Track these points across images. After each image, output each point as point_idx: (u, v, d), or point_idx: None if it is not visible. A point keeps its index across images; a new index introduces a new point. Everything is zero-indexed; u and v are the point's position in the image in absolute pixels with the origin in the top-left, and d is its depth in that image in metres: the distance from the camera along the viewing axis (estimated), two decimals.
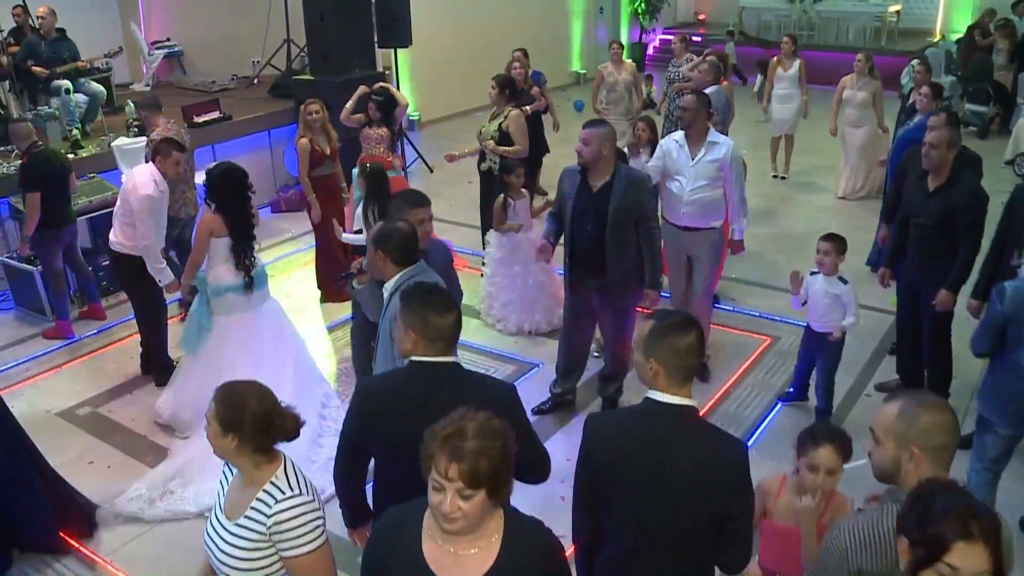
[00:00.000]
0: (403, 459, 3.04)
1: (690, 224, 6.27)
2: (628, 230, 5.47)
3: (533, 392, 6.37)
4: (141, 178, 6.32)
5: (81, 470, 5.75)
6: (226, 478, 3.10)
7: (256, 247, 5.95)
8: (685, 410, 2.87)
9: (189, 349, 6.04)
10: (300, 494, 2.87)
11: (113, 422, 6.37)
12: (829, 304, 5.68)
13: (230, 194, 5.77)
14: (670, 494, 2.80)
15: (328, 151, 8.02)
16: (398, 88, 11.64)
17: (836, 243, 5.65)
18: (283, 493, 2.87)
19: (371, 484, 3.43)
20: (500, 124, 7.93)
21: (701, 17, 22.49)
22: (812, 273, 5.75)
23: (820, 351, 5.86)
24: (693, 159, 6.11)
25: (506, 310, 7.45)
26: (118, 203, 6.48)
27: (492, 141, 7.97)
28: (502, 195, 7.30)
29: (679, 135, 6.20)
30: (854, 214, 10.12)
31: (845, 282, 5.65)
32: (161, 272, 6.38)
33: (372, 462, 3.37)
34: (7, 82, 10.42)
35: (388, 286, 4.00)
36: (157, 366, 6.86)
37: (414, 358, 3.14)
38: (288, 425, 2.96)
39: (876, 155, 10.41)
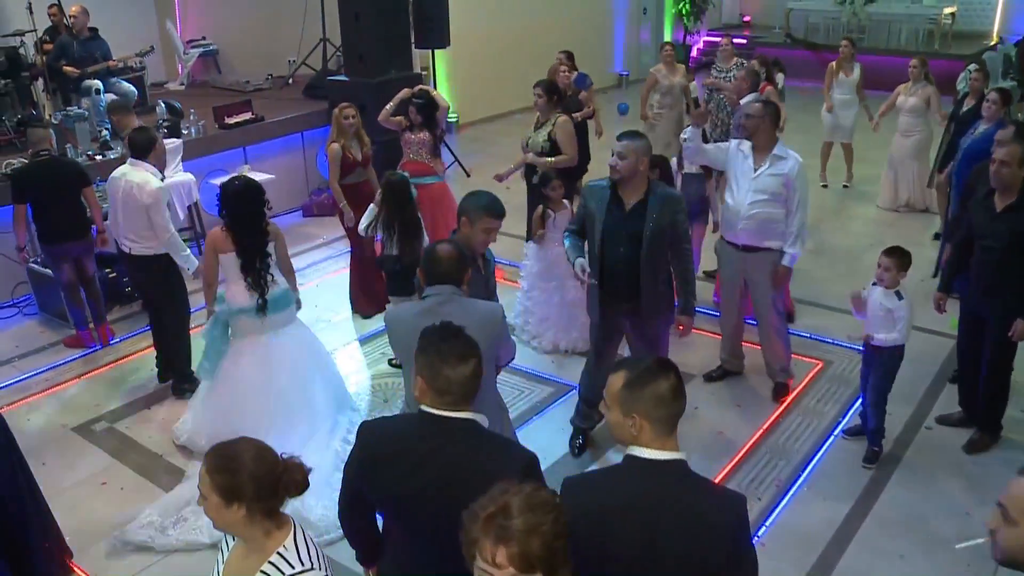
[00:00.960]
0: (402, 520, 2.83)
1: (748, 242, 5.92)
2: (663, 252, 5.14)
3: (568, 415, 6.04)
4: (140, 177, 6.26)
5: (93, 492, 5.54)
6: (226, 543, 2.76)
7: (270, 266, 5.58)
8: (674, 465, 2.53)
9: (205, 375, 5.80)
10: (311, 568, 2.54)
11: (130, 439, 6.14)
12: (883, 318, 5.33)
13: (243, 211, 5.50)
14: (663, 570, 2.44)
15: (360, 157, 7.70)
16: (436, 88, 11.39)
17: (898, 259, 5.28)
18: (291, 567, 2.54)
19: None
20: (549, 133, 7.55)
21: (746, 19, 21.98)
22: (872, 284, 5.41)
23: (872, 364, 5.49)
24: (756, 171, 5.75)
25: (542, 327, 7.12)
26: (118, 212, 6.38)
27: (541, 152, 7.58)
28: (540, 206, 6.96)
29: (747, 145, 5.84)
30: (905, 226, 9.66)
31: (901, 297, 5.29)
32: (187, 259, 6.44)
33: None
34: (41, 82, 10.31)
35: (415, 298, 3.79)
36: (178, 373, 6.69)
37: (423, 407, 2.81)
38: (298, 477, 2.62)
39: (924, 168, 9.95)
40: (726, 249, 6.09)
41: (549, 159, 7.55)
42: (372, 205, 6.57)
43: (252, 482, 2.51)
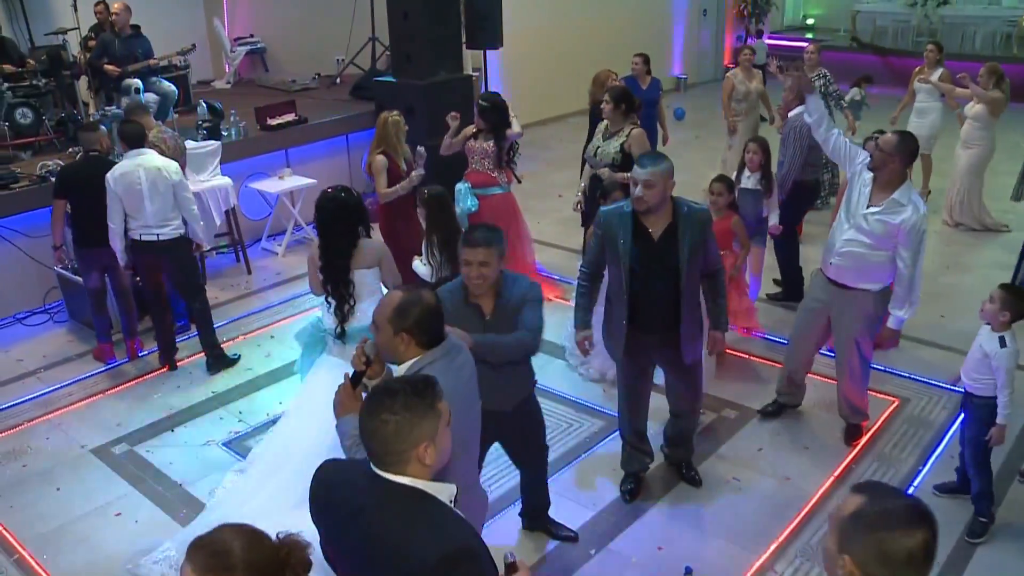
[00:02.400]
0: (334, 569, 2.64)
1: (837, 279, 5.36)
2: (699, 277, 4.73)
3: (620, 454, 5.54)
4: (159, 160, 6.49)
5: (106, 523, 5.20)
6: None
7: (351, 294, 5.11)
8: None
9: (301, 373, 5.52)
10: None
11: (149, 465, 5.78)
12: (979, 361, 4.73)
13: (329, 226, 5.10)
14: None
15: (405, 168, 7.32)
16: (486, 90, 11.00)
17: (1010, 298, 4.64)
18: None
19: None
20: (622, 144, 7.02)
21: (809, 21, 21.25)
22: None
23: (968, 411, 4.91)
24: (869, 207, 5.14)
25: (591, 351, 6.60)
26: (145, 203, 6.42)
27: (613, 165, 7.05)
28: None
29: (869, 174, 5.20)
30: (987, 247, 9.00)
31: (1004, 345, 4.64)
32: (199, 231, 6.81)
33: None
34: (85, 81, 10.09)
35: (400, 370, 3.21)
36: (215, 353, 6.92)
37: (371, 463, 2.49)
38: (303, 556, 2.20)
39: (977, 185, 9.37)
40: (819, 275, 5.55)
41: (624, 175, 7.02)
42: (417, 260, 6.10)
43: (247, 570, 2.10)
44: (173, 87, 10.02)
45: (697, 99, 16.74)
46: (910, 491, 5.26)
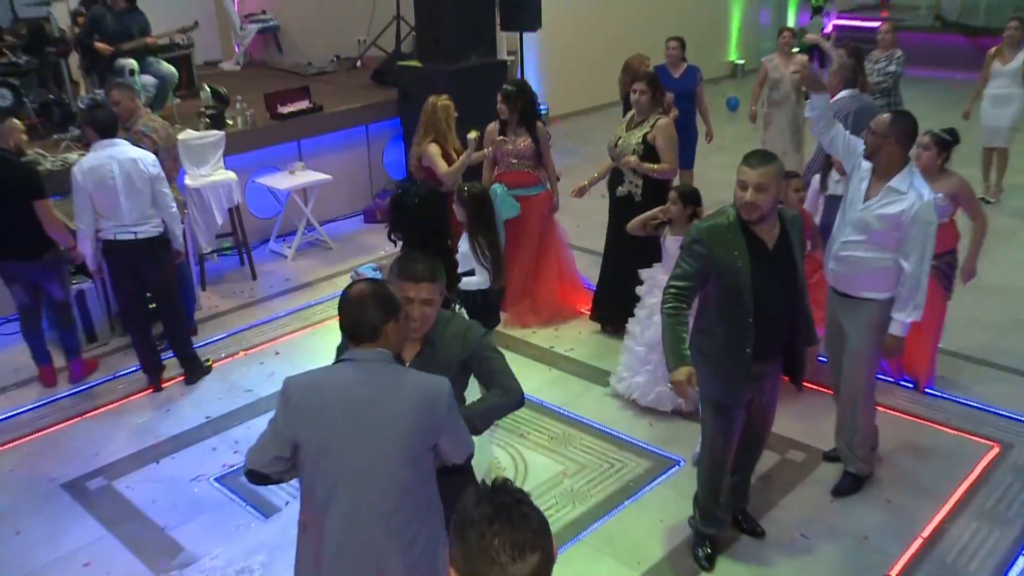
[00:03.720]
0: None
1: (837, 286, 5.08)
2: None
3: (671, 501, 5.24)
4: (134, 152, 6.35)
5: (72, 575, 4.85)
6: None
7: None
8: None
9: None
10: None
11: (128, 504, 5.47)
12: None
13: (413, 227, 4.90)
14: None
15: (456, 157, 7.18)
16: (522, 76, 10.72)
17: None
18: None
19: None
20: (645, 134, 6.72)
21: None
22: None
23: None
24: (864, 203, 4.83)
25: (627, 371, 6.35)
26: (120, 198, 6.25)
27: (634, 156, 6.73)
28: (658, 220, 6.14)
29: (867, 164, 4.92)
30: None
31: None
32: (181, 233, 6.67)
33: None
34: (74, 59, 9.83)
35: None
36: (188, 358, 6.82)
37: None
38: None
39: None
40: (831, 291, 5.24)
41: (648, 165, 6.74)
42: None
43: None
44: (173, 69, 9.76)
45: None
46: (1021, 559, 4.79)
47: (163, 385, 6.76)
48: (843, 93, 7.20)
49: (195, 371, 6.84)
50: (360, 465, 3.02)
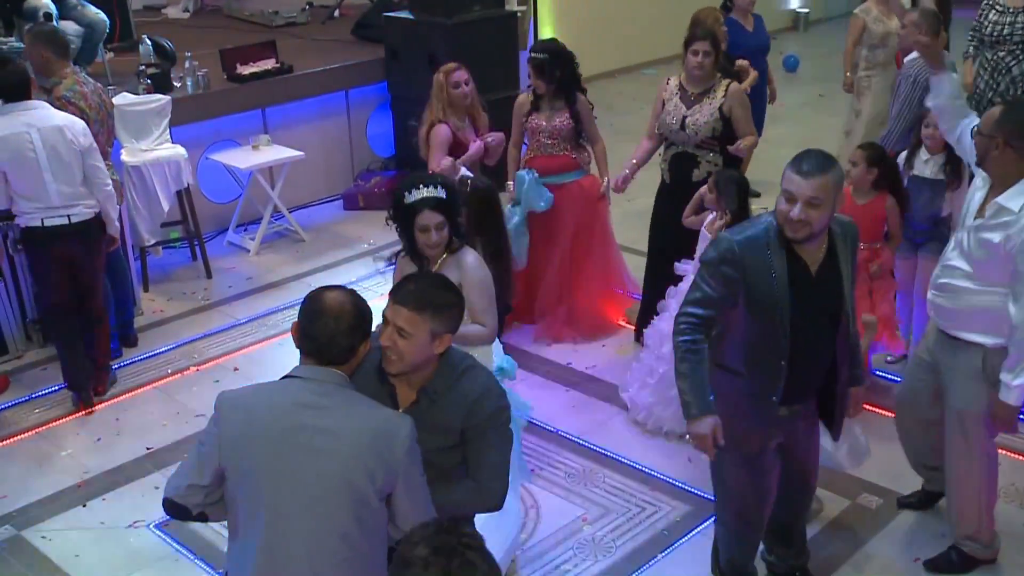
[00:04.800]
0: None
1: (937, 319, 4.93)
2: None
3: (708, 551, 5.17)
4: (60, 118, 6.39)
5: None
6: None
7: None
8: None
9: None
10: None
11: (43, 559, 5.49)
12: None
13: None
14: None
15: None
16: (536, 31, 10.73)
17: None
18: None
19: None
20: (720, 107, 6.72)
21: None
22: None
23: None
24: (976, 218, 4.68)
25: (644, 391, 6.42)
26: (45, 175, 6.30)
27: (714, 138, 6.76)
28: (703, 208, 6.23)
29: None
30: None
31: None
32: (117, 216, 6.80)
33: None
34: None
35: None
36: (107, 366, 6.96)
37: None
38: None
39: None
40: (931, 324, 5.15)
41: (746, 145, 6.74)
42: None
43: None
44: (103, 15, 9.60)
45: (821, 42, 16.47)
46: None
47: (94, 407, 6.79)
48: (912, 55, 7.01)
49: (104, 380, 6.93)
50: (289, 500, 3.09)
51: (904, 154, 6.61)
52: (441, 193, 4.55)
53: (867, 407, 6.28)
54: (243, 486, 3.12)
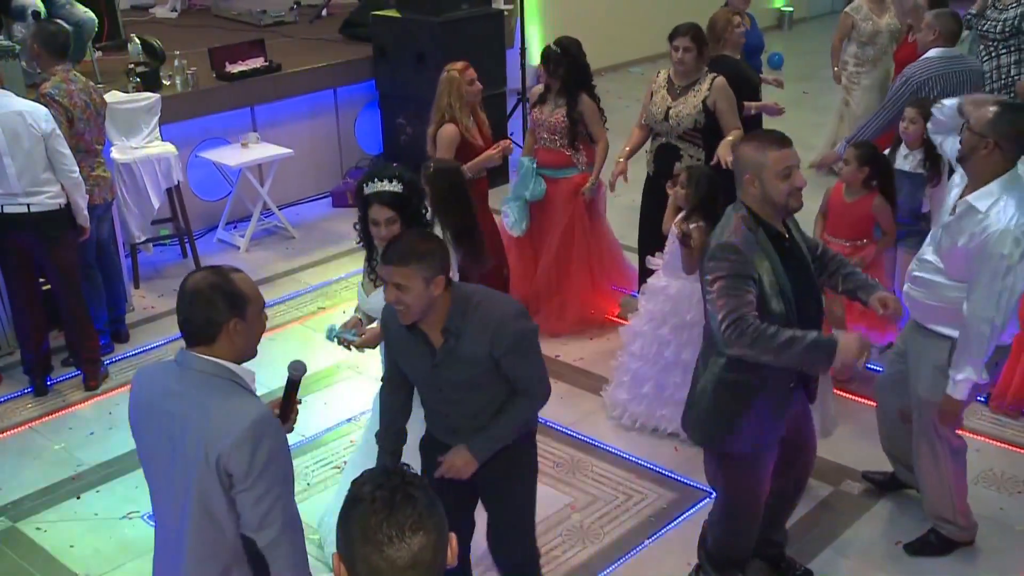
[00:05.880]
0: None
1: (911, 310, 4.99)
2: None
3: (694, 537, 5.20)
4: (21, 104, 6.43)
5: None
6: None
7: None
8: None
9: None
10: None
11: (39, 550, 5.54)
12: None
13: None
14: None
15: (481, 141, 7.15)
16: (523, 29, 10.76)
17: None
18: None
19: None
20: (705, 100, 6.80)
21: None
22: None
23: None
24: (952, 212, 4.74)
25: (633, 392, 6.42)
26: (3, 160, 6.33)
27: (695, 130, 6.86)
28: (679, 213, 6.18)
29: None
30: None
31: None
32: (86, 205, 6.74)
33: None
34: None
35: None
36: (92, 359, 6.96)
37: None
38: None
39: None
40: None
41: (730, 139, 6.62)
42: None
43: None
44: (91, 14, 9.59)
45: (804, 41, 16.60)
46: None
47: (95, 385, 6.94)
48: (932, 53, 6.95)
49: (96, 375, 6.97)
50: (159, 481, 3.36)
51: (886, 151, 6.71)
52: (396, 188, 4.58)
53: (849, 395, 6.45)
54: (142, 457, 3.42)
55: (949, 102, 5.03)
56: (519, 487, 4.38)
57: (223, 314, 3.20)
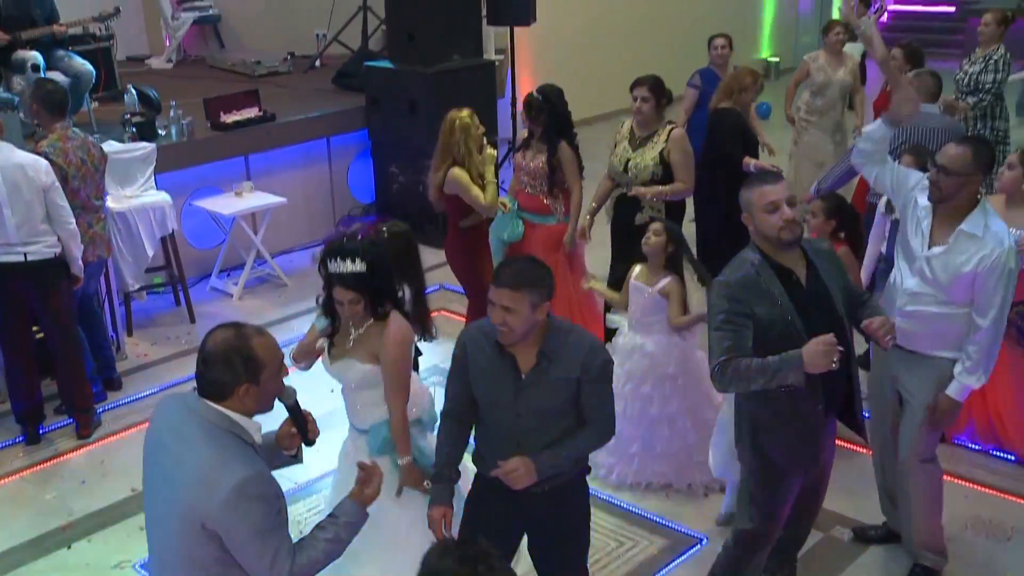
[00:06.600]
0: None
1: (906, 344, 5.05)
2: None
3: None
4: (21, 156, 6.47)
5: None
6: None
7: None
8: None
9: None
10: None
11: None
12: None
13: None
14: None
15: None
16: (513, 79, 10.82)
17: None
18: None
19: None
20: (661, 152, 6.89)
21: None
22: None
23: None
24: (930, 247, 4.89)
25: (618, 452, 6.31)
26: (3, 211, 6.37)
27: (652, 181, 6.93)
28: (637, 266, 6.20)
29: (925, 201, 4.97)
30: None
31: None
32: (80, 256, 6.78)
33: None
34: None
35: None
36: (85, 408, 6.96)
37: None
38: None
39: None
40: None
41: (664, 188, 6.94)
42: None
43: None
44: (89, 66, 9.68)
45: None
46: None
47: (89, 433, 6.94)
48: (930, 109, 7.20)
49: (89, 424, 6.98)
50: (151, 512, 3.43)
51: (883, 200, 6.69)
52: (358, 268, 4.44)
53: (840, 442, 6.44)
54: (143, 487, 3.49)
55: (868, 128, 5.17)
56: (573, 540, 4.46)
57: (236, 378, 3.26)
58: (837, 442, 6.05)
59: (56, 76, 9.10)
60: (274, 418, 3.62)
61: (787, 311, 4.33)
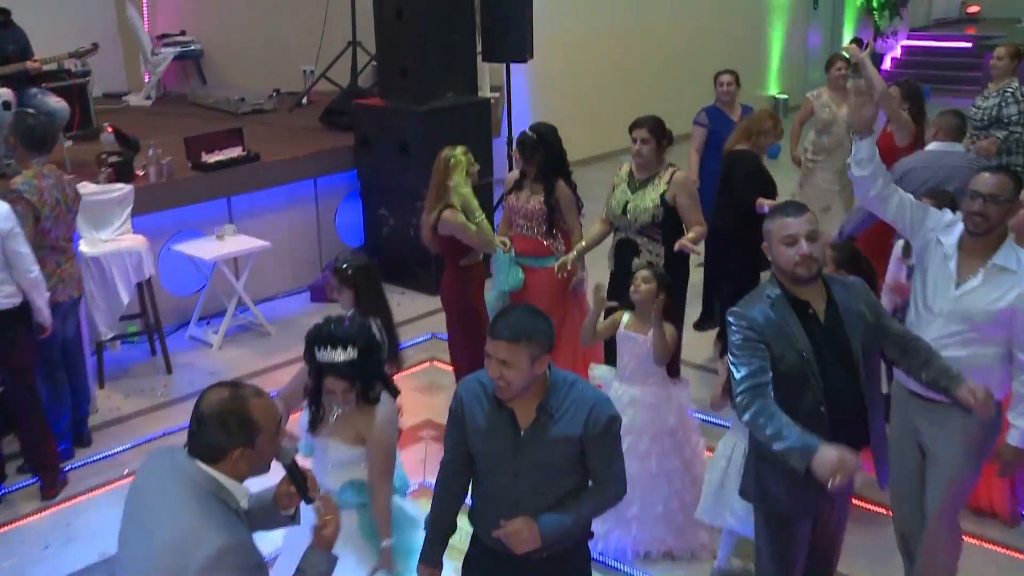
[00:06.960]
0: None
1: (925, 393, 4.92)
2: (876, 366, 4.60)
3: None
4: None
5: None
6: None
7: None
8: None
9: None
10: None
11: None
12: None
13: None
14: None
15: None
16: (509, 117, 10.77)
17: None
18: None
19: None
20: (662, 194, 6.80)
21: (972, 10, 21.01)
22: None
23: None
24: (959, 285, 4.84)
25: (616, 517, 6.15)
26: None
27: (653, 224, 6.85)
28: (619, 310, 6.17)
29: (954, 236, 4.94)
30: None
31: None
32: (46, 308, 6.67)
33: None
34: None
35: None
36: (49, 466, 6.84)
37: None
38: None
39: None
40: (898, 388, 5.22)
41: (690, 237, 6.75)
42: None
43: None
44: (64, 103, 9.75)
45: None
46: None
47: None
48: (931, 146, 7.20)
49: (54, 483, 6.84)
50: (121, 567, 3.32)
51: (900, 243, 6.65)
52: (350, 355, 4.45)
53: (857, 501, 6.36)
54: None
55: (851, 157, 5.18)
56: None
57: (231, 441, 3.23)
58: (856, 502, 5.99)
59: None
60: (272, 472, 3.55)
61: (803, 346, 4.33)
